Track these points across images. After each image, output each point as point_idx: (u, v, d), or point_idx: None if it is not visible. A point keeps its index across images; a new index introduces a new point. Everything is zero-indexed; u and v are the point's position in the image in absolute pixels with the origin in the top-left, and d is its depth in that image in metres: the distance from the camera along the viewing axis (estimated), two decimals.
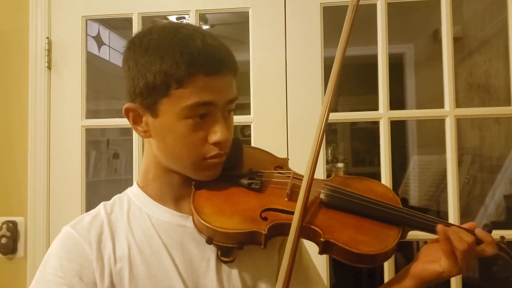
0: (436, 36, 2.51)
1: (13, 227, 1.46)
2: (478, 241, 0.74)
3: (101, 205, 0.79)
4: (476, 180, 2.36)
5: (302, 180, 0.74)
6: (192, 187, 0.75)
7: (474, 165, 2.38)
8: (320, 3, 1.41)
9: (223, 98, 0.71)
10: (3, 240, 1.46)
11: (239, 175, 0.78)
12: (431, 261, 0.74)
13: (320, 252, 0.72)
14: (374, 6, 1.40)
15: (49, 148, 1.49)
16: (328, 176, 0.84)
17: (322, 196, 0.77)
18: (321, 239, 0.70)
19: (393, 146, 1.37)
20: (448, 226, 0.74)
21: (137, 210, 0.77)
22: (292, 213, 0.70)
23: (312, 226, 0.72)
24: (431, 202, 2.48)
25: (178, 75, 0.66)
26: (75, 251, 0.72)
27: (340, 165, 3.81)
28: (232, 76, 0.73)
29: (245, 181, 0.77)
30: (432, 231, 0.75)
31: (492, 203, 2.10)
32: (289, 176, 0.79)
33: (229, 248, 0.72)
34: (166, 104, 0.69)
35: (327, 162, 3.57)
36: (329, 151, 3.73)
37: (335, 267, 2.06)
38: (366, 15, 1.49)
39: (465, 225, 0.76)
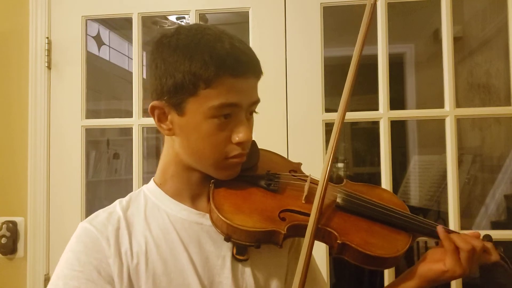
0: (436, 36, 2.51)
1: (13, 227, 1.46)
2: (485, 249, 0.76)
3: (117, 201, 0.80)
4: (476, 180, 2.36)
5: (318, 183, 0.76)
6: (211, 185, 0.77)
7: (474, 165, 2.38)
8: (320, 3, 1.41)
9: (248, 100, 0.73)
10: (3, 240, 1.46)
11: (257, 176, 0.80)
12: (436, 261, 0.76)
13: (335, 254, 0.74)
14: (374, 6, 1.40)
15: (49, 148, 1.49)
16: (337, 181, 0.87)
17: (338, 200, 0.79)
18: (337, 241, 0.72)
19: (393, 146, 1.37)
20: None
21: (155, 207, 0.78)
22: (309, 214, 0.72)
23: (328, 228, 0.74)
24: (431, 202, 2.48)
25: (207, 75, 0.67)
26: (92, 246, 0.72)
27: (341, 165, 3.81)
28: (256, 79, 0.75)
29: (263, 182, 0.79)
30: (437, 237, 0.78)
31: (492, 203, 2.10)
32: (305, 180, 0.81)
33: (246, 247, 0.74)
34: (193, 103, 0.70)
35: None
36: None
37: (335, 268, 2.06)
38: None
39: (469, 233, 0.79)
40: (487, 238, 0.81)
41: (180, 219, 0.76)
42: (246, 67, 0.71)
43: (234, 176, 0.77)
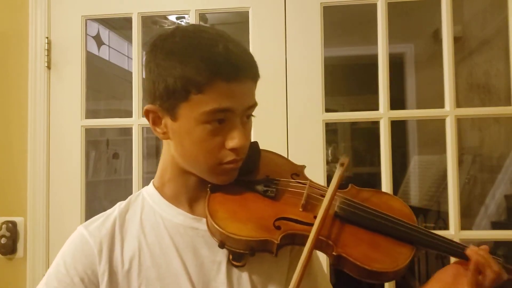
0: (436, 36, 2.51)
1: (12, 227, 1.46)
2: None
3: (117, 204, 0.80)
4: (476, 180, 2.36)
5: (318, 189, 0.74)
6: (208, 190, 0.75)
7: (474, 165, 2.38)
8: (320, 3, 1.41)
9: (242, 105, 0.71)
10: (3, 240, 1.45)
11: (255, 181, 0.78)
12: (454, 285, 0.70)
13: (332, 265, 0.72)
14: (374, 6, 1.40)
15: (48, 148, 1.49)
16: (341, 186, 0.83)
17: (337, 209, 0.75)
18: (333, 253, 0.70)
19: (394, 146, 1.37)
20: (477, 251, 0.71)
21: (151, 211, 0.78)
22: (305, 223, 0.70)
23: (325, 239, 0.71)
24: (431, 202, 2.48)
25: (199, 81, 0.66)
26: (81, 251, 0.72)
27: None
28: (252, 83, 0.73)
29: (260, 188, 0.77)
30: (454, 255, 0.74)
31: (492, 203, 2.09)
32: (305, 185, 0.78)
33: (240, 254, 0.72)
34: (185, 108, 0.69)
35: (327, 162, 3.57)
36: (329, 151, 3.72)
37: (336, 268, 2.05)
38: (366, 15, 1.49)
39: (481, 247, 0.73)
40: (498, 261, 0.73)
41: (175, 224, 0.76)
42: (240, 70, 0.69)
43: (230, 181, 0.76)
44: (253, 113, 0.77)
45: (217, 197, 0.75)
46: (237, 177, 0.77)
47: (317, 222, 0.69)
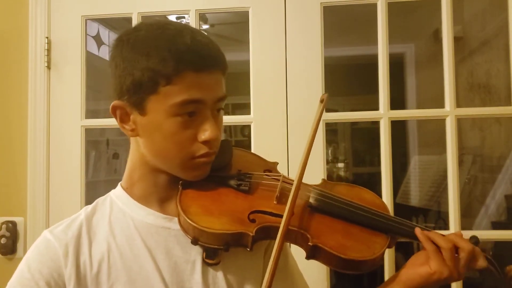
0: (436, 36, 2.51)
1: (12, 228, 1.46)
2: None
3: (83, 208, 0.78)
4: (476, 180, 2.36)
5: (291, 183, 0.73)
6: (179, 186, 0.74)
7: (474, 165, 2.38)
8: (320, 3, 1.41)
9: (212, 96, 0.70)
10: (3, 241, 1.45)
11: (228, 176, 0.77)
12: (421, 264, 0.73)
13: (307, 257, 0.71)
14: (374, 6, 1.40)
15: (48, 148, 1.49)
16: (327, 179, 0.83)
17: (311, 200, 0.76)
18: (309, 243, 0.69)
19: (394, 146, 1.37)
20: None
21: (120, 212, 0.76)
22: (280, 216, 0.69)
23: (300, 230, 0.71)
24: (431, 202, 2.48)
25: (166, 71, 0.65)
26: (46, 254, 0.70)
27: (341, 165, 3.81)
28: (221, 74, 0.72)
29: (233, 182, 0.76)
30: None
31: (493, 203, 2.09)
32: (278, 179, 0.78)
33: (214, 250, 0.71)
34: (154, 101, 0.68)
35: (327, 162, 3.57)
36: (330, 151, 3.72)
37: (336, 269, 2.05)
38: (366, 15, 1.49)
39: (451, 233, 0.76)
40: (474, 239, 0.76)
41: (146, 224, 0.74)
42: (209, 61, 0.68)
43: (203, 177, 0.74)
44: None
45: (189, 193, 0.74)
46: (209, 173, 0.75)
47: (288, 203, 0.69)
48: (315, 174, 1.33)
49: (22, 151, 1.49)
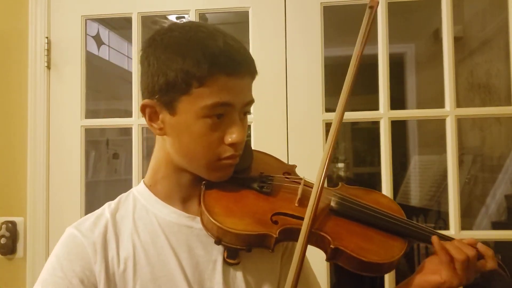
0: (436, 36, 2.51)
1: (12, 228, 1.46)
2: (479, 256, 0.75)
3: (106, 205, 0.79)
4: (477, 180, 2.36)
5: (312, 186, 0.74)
6: (202, 187, 0.75)
7: (475, 165, 2.38)
8: (320, 3, 1.41)
9: (242, 100, 0.71)
10: (3, 240, 1.45)
11: (250, 178, 0.78)
12: (432, 272, 0.75)
13: (328, 259, 0.73)
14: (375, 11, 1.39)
15: (48, 148, 1.49)
16: (334, 184, 0.85)
17: (332, 203, 0.77)
18: (330, 246, 0.71)
19: (394, 146, 1.37)
20: (448, 240, 0.76)
21: (143, 209, 0.76)
22: (302, 218, 0.70)
23: (322, 233, 0.72)
24: (432, 202, 2.48)
25: (200, 73, 0.66)
26: (76, 252, 0.71)
27: (341, 165, 3.81)
28: (251, 79, 0.73)
29: (255, 184, 0.77)
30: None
31: (493, 203, 2.09)
32: (299, 182, 0.79)
33: (237, 250, 0.72)
34: (185, 102, 0.69)
35: None
36: None
37: (336, 268, 2.05)
38: None
39: (466, 240, 0.77)
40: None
41: (169, 223, 0.75)
42: (241, 65, 0.69)
43: (226, 178, 0.76)
44: (250, 112, 0.77)
45: (212, 193, 0.75)
46: (231, 174, 0.76)
47: (309, 209, 0.70)
48: (315, 174, 1.32)
49: (22, 151, 1.49)
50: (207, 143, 0.70)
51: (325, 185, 0.76)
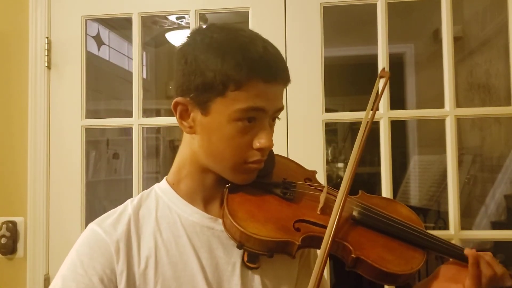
0: (436, 36, 2.51)
1: (12, 227, 1.46)
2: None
3: (128, 201, 0.79)
4: (476, 180, 2.36)
5: (334, 194, 0.75)
6: (225, 190, 0.76)
7: (474, 165, 2.38)
8: (320, 3, 1.41)
9: (274, 106, 0.72)
10: (3, 240, 1.45)
11: (273, 184, 0.79)
12: (453, 281, 0.74)
13: (348, 267, 0.73)
14: (374, 6, 1.40)
15: (48, 148, 1.49)
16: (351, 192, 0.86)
17: (355, 213, 0.78)
18: (352, 255, 0.71)
19: (393, 146, 1.37)
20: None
21: (166, 208, 0.77)
22: (324, 226, 0.71)
23: (344, 242, 0.73)
24: (431, 202, 2.48)
25: (238, 77, 0.67)
26: (98, 249, 0.71)
27: (340, 165, 3.81)
28: (284, 86, 0.74)
29: (278, 190, 0.77)
30: (456, 257, 0.77)
31: (492, 203, 2.09)
32: (321, 190, 0.80)
33: (258, 255, 0.72)
34: (220, 103, 0.69)
35: (327, 162, 3.57)
36: (329, 151, 3.73)
37: (336, 268, 2.05)
38: (366, 15, 1.49)
39: (483, 254, 0.77)
40: (500, 259, 0.79)
41: (192, 222, 0.75)
42: (277, 73, 0.70)
43: (249, 181, 0.76)
44: (279, 117, 0.77)
45: (235, 197, 0.75)
46: (254, 179, 0.77)
47: (332, 218, 0.70)
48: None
49: (22, 151, 1.49)
50: (236, 145, 0.71)
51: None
